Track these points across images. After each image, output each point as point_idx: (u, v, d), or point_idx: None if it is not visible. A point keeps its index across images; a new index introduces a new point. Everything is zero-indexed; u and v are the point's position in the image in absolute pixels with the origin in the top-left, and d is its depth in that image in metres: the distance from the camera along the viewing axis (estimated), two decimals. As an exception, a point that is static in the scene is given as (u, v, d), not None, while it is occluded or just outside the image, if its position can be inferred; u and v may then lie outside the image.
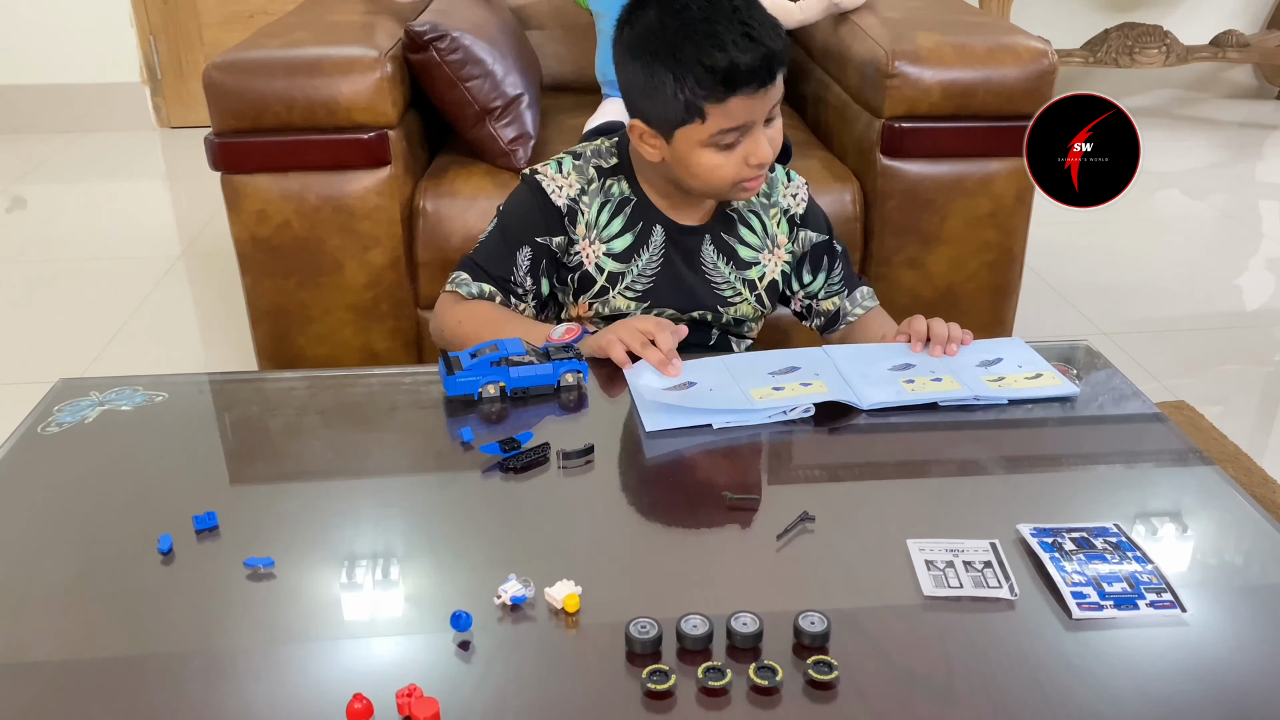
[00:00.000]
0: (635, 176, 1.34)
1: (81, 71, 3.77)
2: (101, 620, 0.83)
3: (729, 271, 1.37)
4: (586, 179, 1.34)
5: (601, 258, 1.34)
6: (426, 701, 0.72)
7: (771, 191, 1.39)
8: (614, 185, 1.34)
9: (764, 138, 1.22)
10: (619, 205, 1.34)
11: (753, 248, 1.38)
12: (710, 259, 1.36)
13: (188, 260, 2.80)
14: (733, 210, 1.37)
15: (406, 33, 1.78)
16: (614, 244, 1.34)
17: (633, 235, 1.34)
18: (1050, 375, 1.15)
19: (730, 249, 1.37)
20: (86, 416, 1.09)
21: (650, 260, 1.34)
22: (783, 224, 1.40)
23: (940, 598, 0.83)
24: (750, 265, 1.38)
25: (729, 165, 1.23)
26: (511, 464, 1.00)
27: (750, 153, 1.22)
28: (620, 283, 1.34)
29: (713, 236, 1.36)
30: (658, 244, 1.34)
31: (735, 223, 1.37)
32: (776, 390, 1.10)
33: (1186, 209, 3.19)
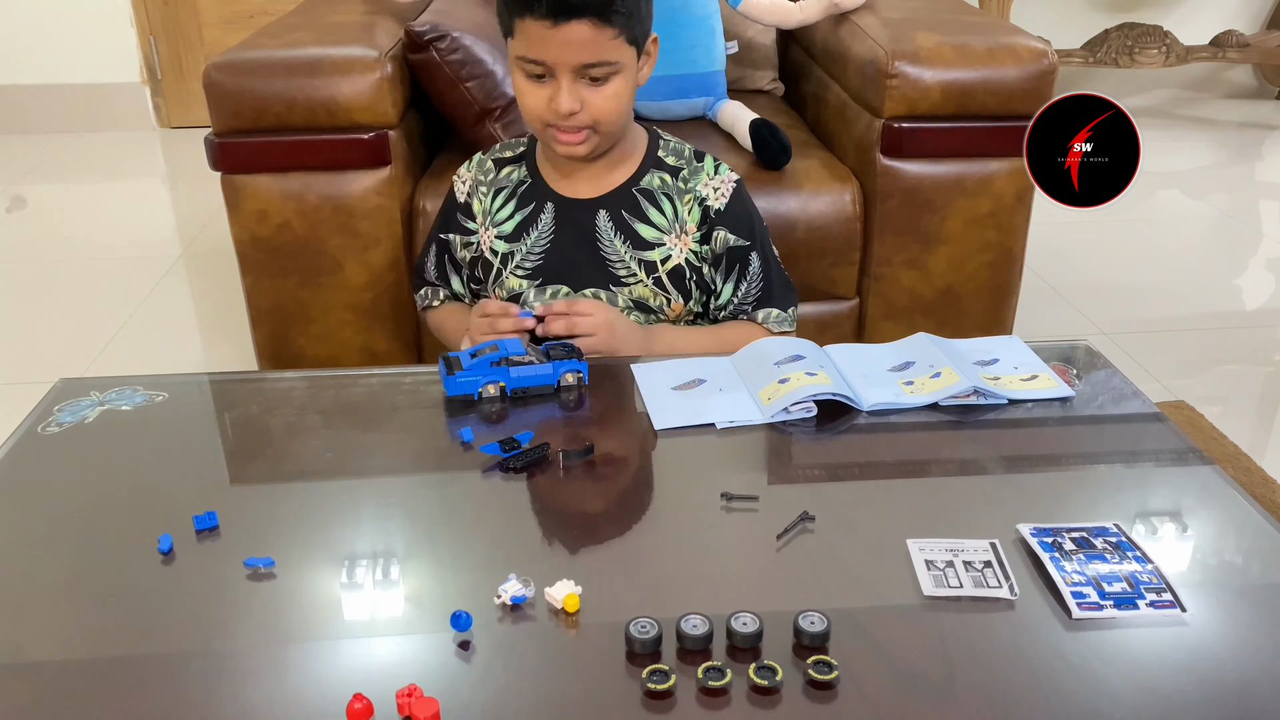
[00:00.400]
0: (536, 158, 1.39)
1: (81, 71, 3.77)
2: (101, 620, 0.83)
3: (624, 249, 1.35)
4: (484, 170, 1.42)
5: (494, 241, 1.39)
6: (426, 701, 0.72)
7: (691, 177, 1.38)
8: (513, 172, 1.40)
9: (567, 88, 1.23)
10: (514, 189, 1.39)
11: (657, 228, 1.36)
12: (606, 234, 1.35)
13: (188, 260, 2.80)
14: (640, 190, 1.36)
15: (406, 33, 1.78)
16: (504, 226, 1.38)
17: (523, 214, 1.38)
18: (1046, 377, 1.15)
19: (629, 227, 1.36)
20: (86, 416, 1.09)
21: (540, 237, 1.36)
22: (694, 211, 1.37)
23: (940, 598, 0.83)
24: (652, 246, 1.36)
25: (533, 97, 1.25)
26: (511, 464, 1.00)
27: (553, 96, 1.24)
28: (511, 262, 1.38)
29: (610, 213, 1.36)
30: (547, 220, 1.36)
31: (639, 202, 1.36)
32: (782, 383, 1.10)
33: (1186, 209, 3.19)
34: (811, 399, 1.08)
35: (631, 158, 1.38)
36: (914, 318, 1.89)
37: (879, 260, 1.87)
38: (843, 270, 1.86)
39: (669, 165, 1.39)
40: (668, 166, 1.38)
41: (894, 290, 1.89)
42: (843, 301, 1.90)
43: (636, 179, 1.37)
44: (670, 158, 1.39)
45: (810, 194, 1.81)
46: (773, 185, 1.81)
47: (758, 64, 2.32)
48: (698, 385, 1.13)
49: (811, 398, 1.08)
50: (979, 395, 1.11)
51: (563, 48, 1.20)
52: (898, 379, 1.14)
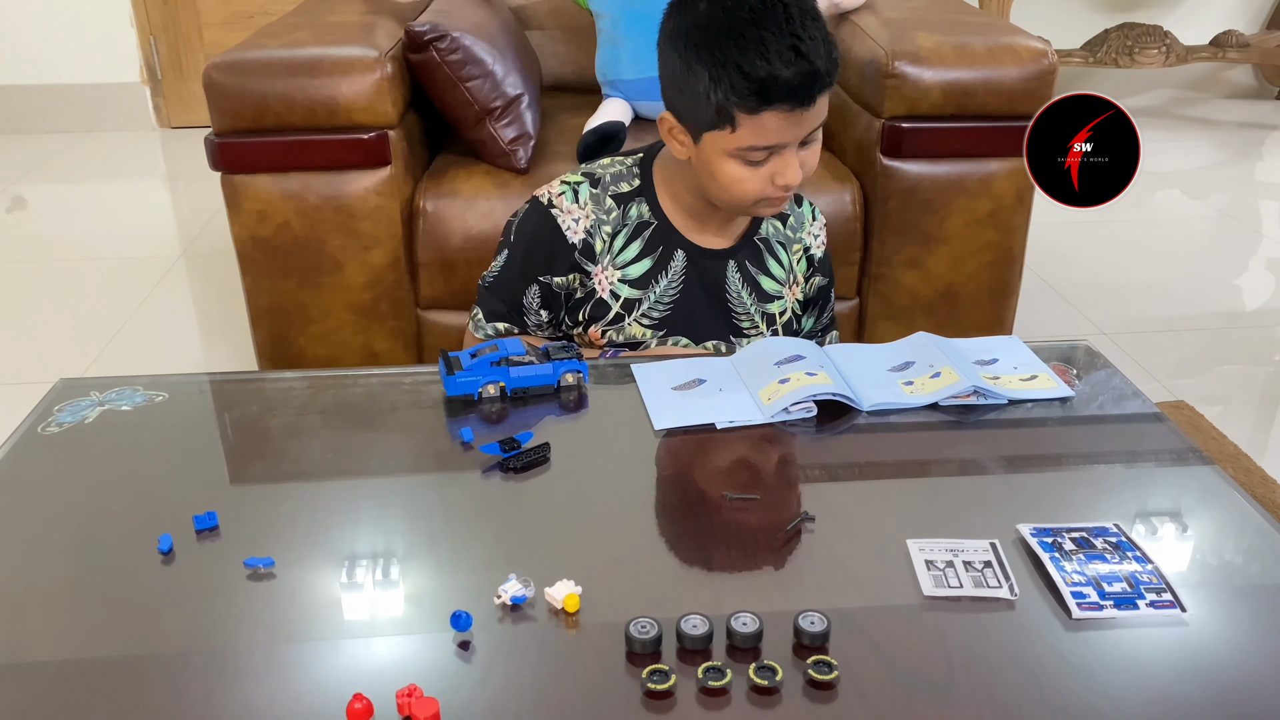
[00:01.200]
0: (657, 197, 1.29)
1: (81, 71, 3.77)
2: (101, 620, 0.83)
3: (750, 303, 1.32)
4: (604, 209, 1.28)
5: (616, 284, 1.28)
6: (426, 701, 0.72)
7: (799, 227, 1.35)
8: (633, 209, 1.28)
9: (795, 160, 1.17)
10: (636, 229, 1.28)
11: (777, 280, 1.33)
12: (735, 287, 1.31)
13: (188, 260, 2.80)
14: (760, 240, 1.32)
15: (406, 33, 1.78)
16: (630, 269, 1.28)
17: (651, 260, 1.28)
18: (1045, 377, 1.15)
19: (754, 279, 1.32)
20: (86, 416, 1.09)
21: (669, 286, 1.29)
22: (802, 262, 1.37)
23: (940, 598, 0.83)
24: (772, 298, 1.33)
25: (753, 181, 1.17)
26: (511, 464, 1.00)
27: (778, 172, 1.17)
28: (636, 309, 1.29)
29: (738, 264, 1.31)
30: (678, 269, 1.29)
31: (762, 252, 1.32)
32: (783, 383, 1.10)
33: (1186, 209, 3.19)
34: (811, 399, 1.08)
35: None
36: (914, 318, 1.89)
37: (879, 260, 1.87)
38: (843, 270, 1.86)
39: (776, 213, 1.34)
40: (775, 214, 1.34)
41: (894, 290, 1.89)
42: (843, 301, 1.91)
43: (755, 228, 1.32)
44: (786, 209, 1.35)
45: (810, 194, 1.81)
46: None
47: (758, 64, 2.31)
48: (698, 385, 1.13)
49: (812, 398, 1.08)
50: (979, 395, 1.11)
51: (800, 125, 1.15)
52: (898, 379, 1.14)
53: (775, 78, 1.09)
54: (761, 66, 1.09)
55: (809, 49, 1.10)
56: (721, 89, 1.11)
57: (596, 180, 1.30)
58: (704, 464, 1.04)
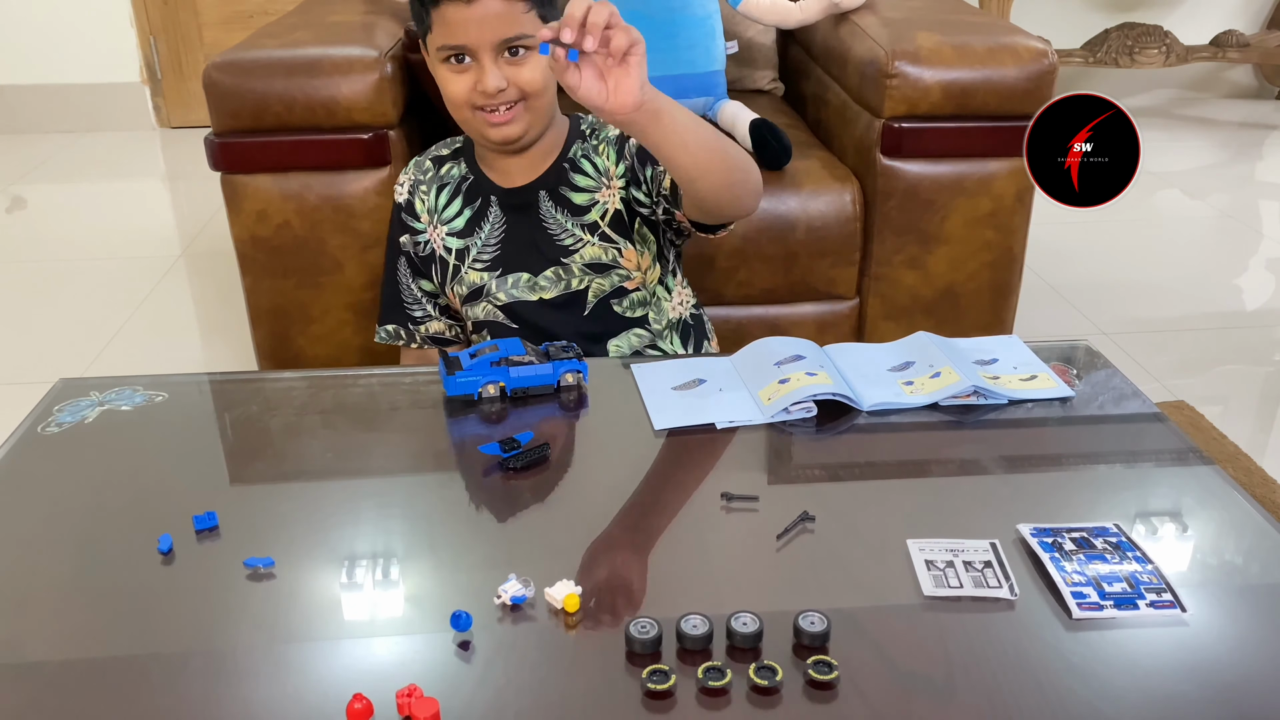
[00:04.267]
0: (474, 154, 1.41)
1: (81, 71, 3.77)
2: (101, 620, 0.83)
3: (567, 220, 1.38)
4: (422, 170, 1.45)
5: (446, 238, 1.42)
6: (426, 701, 0.72)
7: (600, 127, 1.41)
8: (452, 169, 1.43)
9: (492, 67, 1.26)
10: (456, 186, 1.42)
11: (586, 190, 1.39)
12: (549, 214, 1.39)
13: (188, 260, 2.80)
14: (567, 160, 1.39)
15: (406, 33, 1.78)
16: (454, 223, 1.42)
17: (471, 209, 1.41)
18: (1045, 377, 1.15)
19: (565, 199, 1.39)
20: (86, 416, 1.09)
21: (492, 230, 1.40)
22: (609, 152, 1.40)
23: (940, 598, 0.83)
24: (588, 209, 1.39)
25: (458, 85, 1.28)
26: (511, 464, 1.00)
27: (478, 79, 1.26)
28: (467, 257, 1.41)
29: (548, 191, 1.39)
30: (496, 213, 1.40)
31: (568, 171, 1.39)
32: (782, 383, 1.10)
33: (1186, 209, 3.19)
34: (811, 399, 1.08)
35: (559, 142, 1.41)
36: (914, 318, 1.89)
37: (879, 260, 1.87)
38: (843, 270, 1.86)
39: (585, 132, 1.42)
40: (584, 134, 1.42)
41: (894, 290, 1.89)
42: (843, 301, 1.90)
43: (565, 151, 1.40)
44: (587, 126, 1.43)
45: (810, 194, 1.81)
46: (773, 185, 1.81)
47: (758, 64, 2.32)
48: (698, 385, 1.13)
49: (812, 398, 1.08)
50: (979, 395, 1.11)
51: (480, 25, 1.24)
52: (898, 379, 1.14)
53: None
54: None
55: None
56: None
57: (425, 151, 1.48)
58: (704, 464, 1.04)
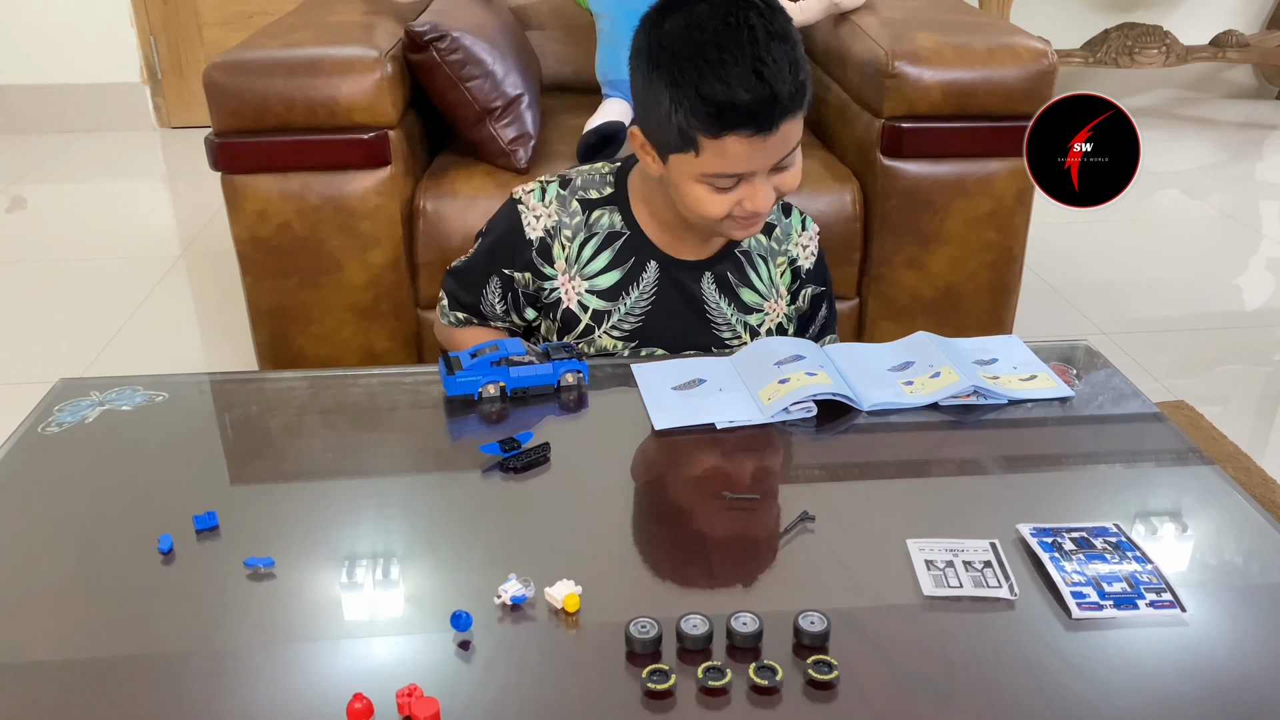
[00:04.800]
0: (630, 207, 1.26)
1: (81, 71, 3.77)
2: (101, 620, 0.83)
3: (730, 312, 1.29)
4: (568, 211, 1.26)
5: (584, 295, 1.26)
6: (426, 701, 0.72)
7: (784, 238, 1.32)
8: (603, 217, 1.26)
9: (764, 186, 1.13)
10: (607, 239, 1.26)
11: (758, 293, 1.30)
12: (712, 297, 1.28)
13: (188, 260, 2.80)
14: (742, 252, 1.29)
15: (406, 33, 1.78)
16: (599, 280, 1.26)
17: (621, 271, 1.26)
18: (1045, 377, 1.15)
19: (733, 290, 1.29)
20: (86, 416, 1.09)
21: (641, 297, 1.26)
22: (786, 274, 1.33)
23: (940, 598, 0.83)
24: (753, 310, 1.30)
25: (719, 204, 1.14)
26: (511, 464, 1.00)
27: (746, 197, 1.13)
28: (606, 321, 1.27)
29: (715, 275, 1.28)
30: (650, 280, 1.26)
31: (743, 264, 1.29)
32: (782, 383, 1.10)
33: (1186, 209, 3.19)
34: (812, 399, 1.08)
35: None
36: (914, 318, 1.89)
37: (879, 260, 1.87)
38: (843, 270, 1.86)
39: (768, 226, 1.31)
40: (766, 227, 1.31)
41: (894, 290, 1.89)
42: (843, 301, 1.91)
43: (736, 241, 1.28)
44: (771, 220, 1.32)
45: (810, 194, 1.81)
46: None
47: (758, 64, 2.31)
48: (698, 385, 1.13)
49: (812, 398, 1.08)
50: (979, 395, 1.11)
51: (772, 150, 1.10)
52: (898, 379, 1.14)
53: (732, 102, 1.05)
54: (720, 90, 1.05)
55: (771, 73, 1.06)
56: (681, 112, 1.08)
57: (567, 182, 1.28)
58: (704, 464, 1.04)
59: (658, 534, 0.95)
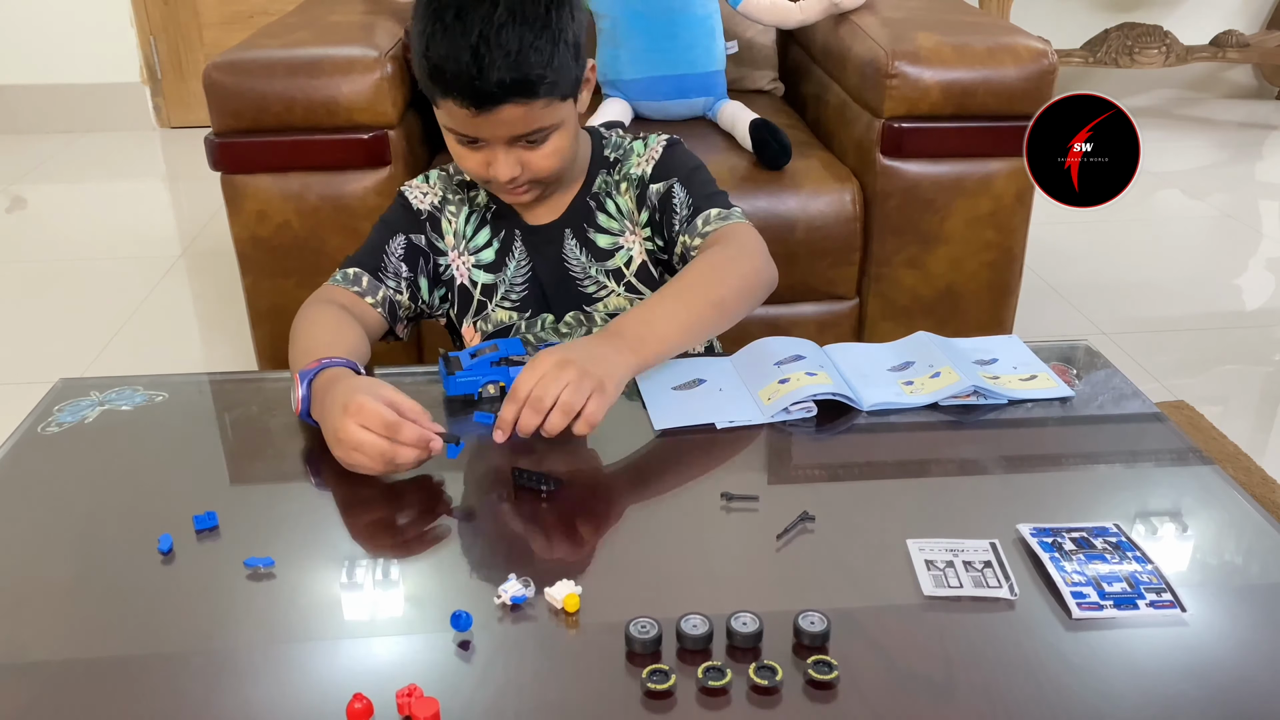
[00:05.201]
0: None
1: (81, 71, 3.77)
2: (101, 620, 0.83)
3: (590, 265, 1.27)
4: (451, 186, 1.28)
5: (473, 270, 1.27)
6: (426, 701, 0.72)
7: (624, 161, 1.28)
8: (480, 195, 1.28)
9: (505, 157, 1.12)
10: (483, 214, 1.28)
11: (610, 232, 1.27)
12: (572, 254, 1.26)
13: (188, 260, 2.80)
14: (591, 196, 1.27)
15: (406, 33, 1.78)
16: (482, 254, 1.28)
17: (498, 242, 1.27)
18: (1045, 377, 1.15)
19: (589, 239, 1.27)
20: (86, 416, 1.09)
21: (519, 268, 1.26)
22: (631, 194, 1.27)
23: (940, 598, 0.83)
24: (611, 253, 1.27)
25: (471, 161, 1.15)
26: (522, 481, 0.97)
27: (490, 162, 1.13)
28: (495, 295, 1.28)
29: (573, 229, 1.26)
30: (521, 249, 1.27)
31: (592, 210, 1.27)
32: (782, 383, 1.10)
33: (1186, 209, 3.19)
34: (811, 399, 1.08)
35: (581, 173, 1.28)
36: (914, 318, 1.89)
37: (879, 260, 1.87)
38: (843, 270, 1.86)
39: (610, 161, 1.29)
40: (609, 163, 1.29)
41: (894, 290, 1.89)
42: (843, 301, 1.91)
43: (588, 187, 1.27)
44: (610, 152, 1.30)
45: (810, 194, 1.81)
46: (773, 185, 1.81)
47: (758, 64, 2.32)
48: (698, 385, 1.13)
49: (812, 398, 1.08)
50: (979, 395, 1.11)
51: (493, 127, 1.10)
52: (898, 379, 1.14)
53: (441, 70, 1.05)
54: (436, 56, 1.05)
55: (489, 59, 1.03)
56: (417, 61, 1.10)
57: (446, 166, 1.30)
58: (703, 464, 1.04)
59: (658, 534, 0.95)
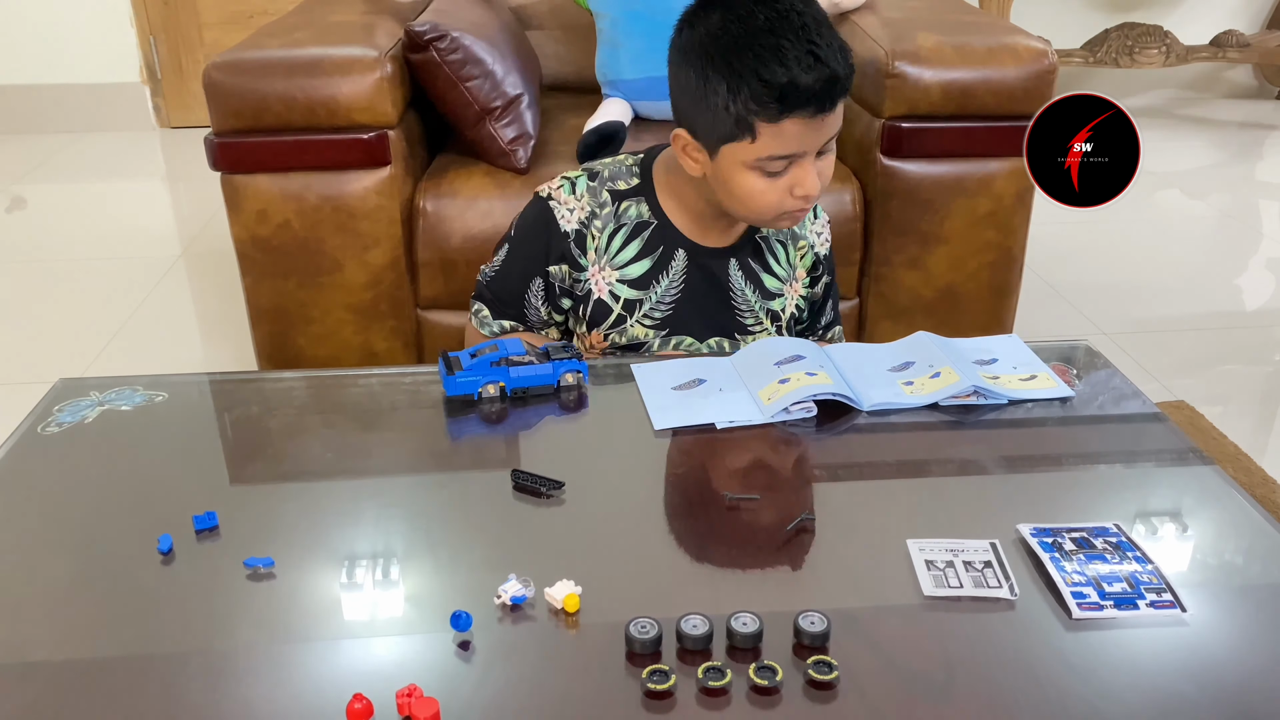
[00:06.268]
0: (656, 197, 1.28)
1: (81, 71, 3.77)
2: (101, 620, 0.83)
3: (754, 299, 1.32)
4: (599, 202, 1.28)
5: (615, 284, 1.29)
6: (426, 701, 0.72)
7: (801, 224, 1.35)
8: (631, 208, 1.28)
9: (813, 169, 1.17)
10: (635, 229, 1.28)
11: (778, 277, 1.34)
12: (738, 284, 1.31)
13: (188, 260, 2.80)
14: (761, 237, 1.32)
15: (406, 33, 1.78)
16: (629, 269, 1.28)
17: (651, 260, 1.28)
18: (1045, 377, 1.15)
19: (756, 276, 1.32)
20: (86, 416, 1.09)
21: (671, 285, 1.29)
22: (807, 257, 1.37)
23: (940, 598, 0.83)
24: (775, 295, 1.33)
25: (772, 192, 1.17)
26: (523, 481, 0.98)
27: (797, 183, 1.16)
28: (638, 310, 1.29)
29: (739, 261, 1.31)
30: (679, 268, 1.29)
31: (763, 250, 1.33)
32: (783, 383, 1.10)
33: (1186, 209, 3.19)
34: (811, 399, 1.08)
35: None
36: (914, 318, 1.89)
37: (879, 260, 1.87)
38: (843, 270, 1.86)
39: None
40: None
41: (894, 290, 1.89)
42: (843, 301, 1.90)
43: (756, 227, 1.31)
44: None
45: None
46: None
47: (758, 64, 2.31)
48: (698, 385, 1.13)
49: (812, 398, 1.08)
50: (979, 395, 1.11)
51: (826, 130, 1.15)
52: (898, 379, 1.14)
53: (795, 84, 1.09)
54: (781, 73, 1.09)
55: (826, 55, 1.10)
56: (741, 98, 1.11)
57: (595, 175, 1.30)
58: (704, 464, 1.04)
59: (658, 534, 0.95)
